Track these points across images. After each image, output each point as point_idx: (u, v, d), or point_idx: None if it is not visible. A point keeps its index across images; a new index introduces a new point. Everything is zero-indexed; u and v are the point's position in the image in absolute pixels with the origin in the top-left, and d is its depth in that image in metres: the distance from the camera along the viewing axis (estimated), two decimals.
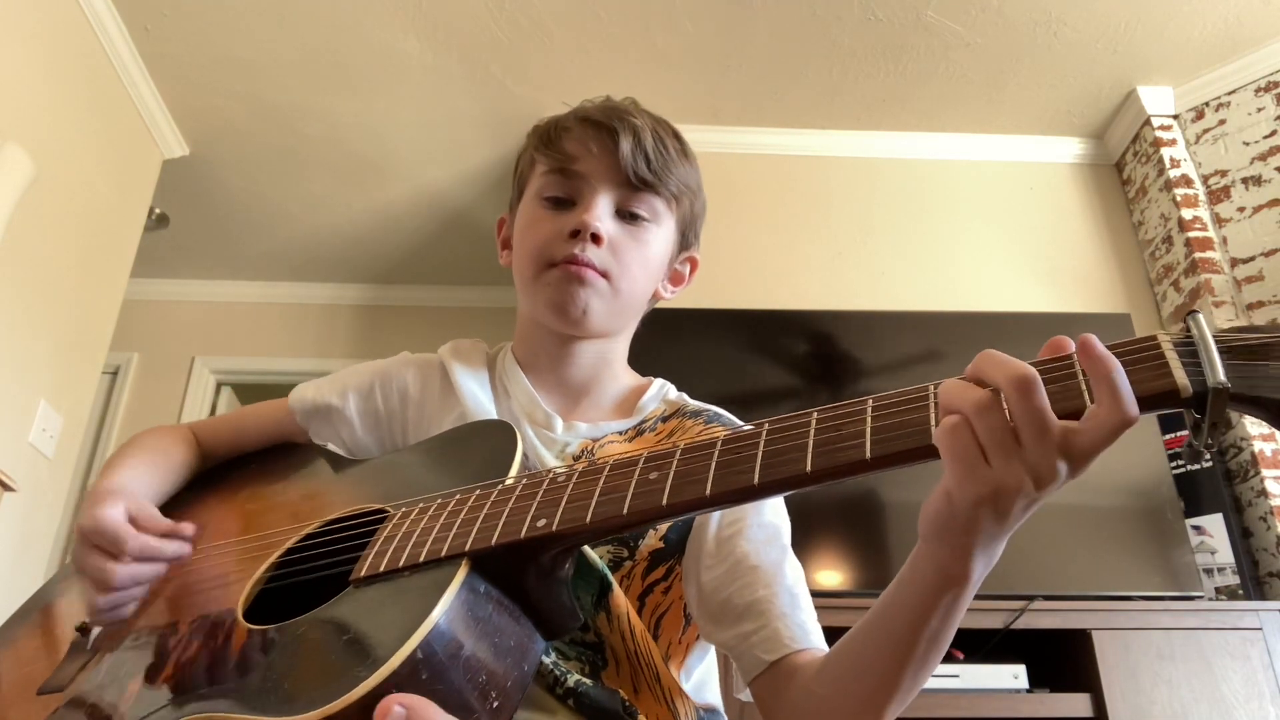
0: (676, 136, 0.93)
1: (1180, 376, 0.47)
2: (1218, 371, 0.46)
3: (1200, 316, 0.49)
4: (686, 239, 0.97)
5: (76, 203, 2.52)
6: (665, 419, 0.91)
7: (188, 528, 0.79)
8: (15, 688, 0.77)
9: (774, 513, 0.85)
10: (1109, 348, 0.50)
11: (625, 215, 0.89)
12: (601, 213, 0.87)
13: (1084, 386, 0.50)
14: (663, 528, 0.81)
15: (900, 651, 0.61)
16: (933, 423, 0.51)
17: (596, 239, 0.86)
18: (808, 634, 0.76)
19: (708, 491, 0.55)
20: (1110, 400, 0.48)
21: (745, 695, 0.80)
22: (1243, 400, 0.47)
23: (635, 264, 0.90)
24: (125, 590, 0.75)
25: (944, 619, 0.59)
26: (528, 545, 0.59)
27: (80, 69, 2.51)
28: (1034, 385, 0.48)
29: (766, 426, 0.57)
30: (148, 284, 3.72)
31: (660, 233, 0.92)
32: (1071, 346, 0.52)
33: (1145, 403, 0.48)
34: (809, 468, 0.53)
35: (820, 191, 2.94)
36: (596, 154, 0.88)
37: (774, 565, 0.80)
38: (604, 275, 0.87)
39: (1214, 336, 0.48)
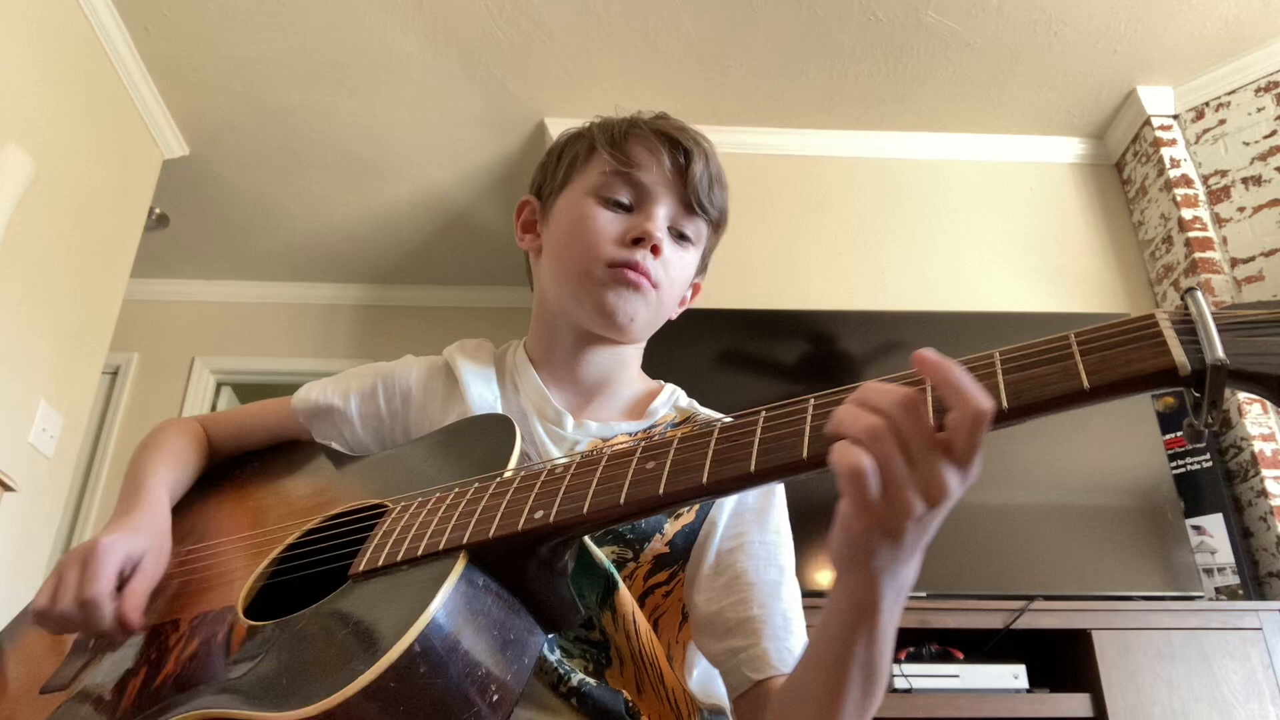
0: (719, 163, 0.95)
1: (1179, 354, 0.46)
2: (1216, 348, 0.45)
3: (1199, 293, 0.48)
4: (703, 264, 0.99)
5: (76, 203, 2.52)
6: (676, 425, 0.91)
7: (139, 624, 0.74)
8: (19, 687, 0.77)
9: (776, 530, 0.84)
10: (1110, 327, 0.50)
11: (674, 233, 0.91)
12: (662, 226, 0.89)
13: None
14: (670, 533, 0.81)
15: (834, 681, 0.61)
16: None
17: (656, 251, 0.87)
18: (794, 660, 0.76)
19: (704, 480, 0.55)
20: (959, 399, 0.48)
21: None
22: (1242, 377, 0.46)
23: (678, 281, 0.92)
24: (52, 620, 0.73)
25: (869, 647, 0.59)
26: (526, 537, 0.59)
27: (80, 69, 2.51)
28: (920, 404, 0.49)
29: (763, 414, 0.57)
30: (148, 284, 3.72)
31: (695, 255, 0.94)
32: (929, 360, 0.51)
33: (1144, 382, 0.47)
34: (805, 454, 0.53)
35: (820, 191, 2.94)
36: (668, 168, 0.89)
37: (771, 585, 0.80)
38: (655, 287, 0.88)
39: (1212, 313, 0.47)
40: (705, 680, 0.86)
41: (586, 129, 0.96)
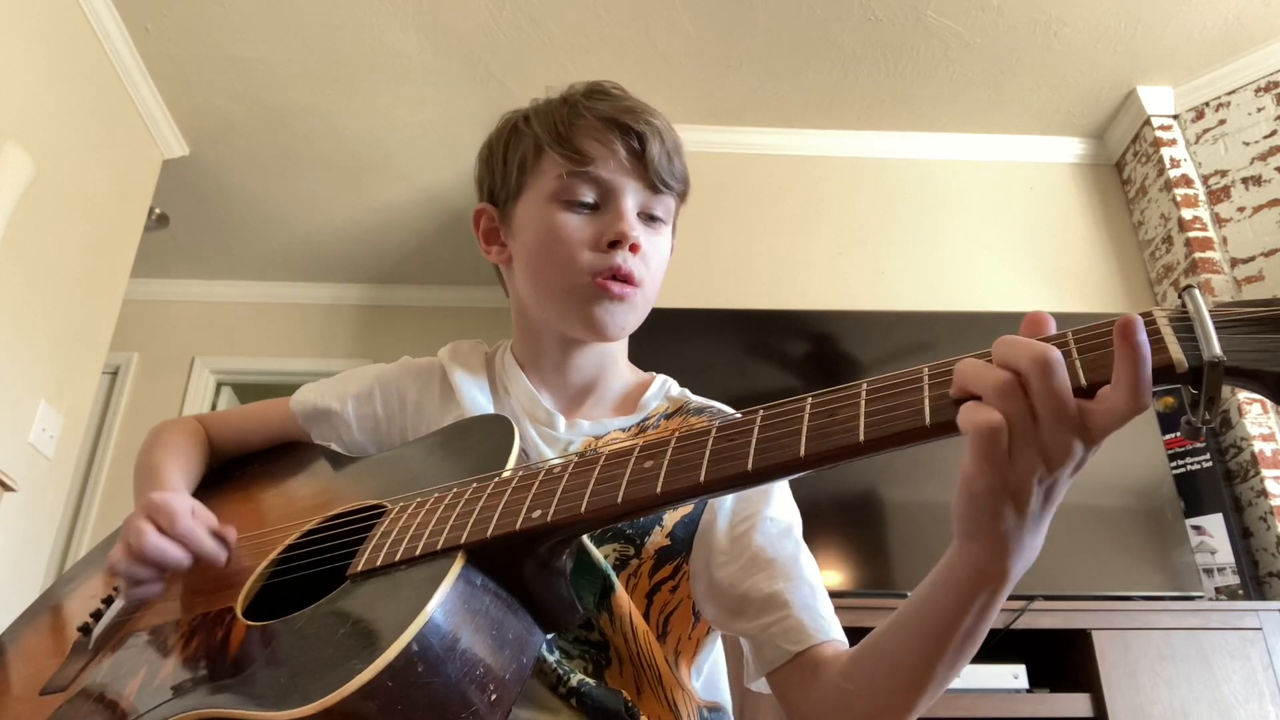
0: (672, 129, 0.91)
1: (1176, 351, 0.46)
2: (1213, 345, 0.45)
3: (1196, 291, 0.48)
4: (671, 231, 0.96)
5: (76, 203, 2.52)
6: (669, 416, 0.90)
7: (232, 533, 0.77)
8: (19, 688, 0.78)
9: (784, 508, 0.84)
10: (1106, 324, 0.49)
11: (644, 218, 0.87)
12: (634, 220, 0.85)
13: (1079, 367, 0.49)
14: (669, 524, 0.81)
15: (934, 649, 0.60)
16: (926, 405, 0.51)
17: (635, 248, 0.84)
18: (830, 626, 0.76)
19: (702, 478, 0.55)
20: (1128, 388, 0.46)
21: (757, 686, 0.79)
22: (1239, 374, 0.45)
23: (659, 269, 0.89)
24: (147, 559, 0.74)
25: (979, 617, 0.58)
26: (524, 536, 0.58)
27: (80, 69, 2.51)
28: (1056, 366, 0.47)
29: (761, 413, 0.57)
30: (148, 284, 3.73)
31: (669, 231, 0.92)
32: (1051, 324, 0.52)
33: None
34: (802, 452, 0.52)
35: (820, 191, 2.94)
36: (624, 156, 0.85)
37: (790, 558, 0.79)
38: (639, 286, 0.86)
39: (1210, 311, 0.47)
40: (711, 678, 0.86)
41: (525, 124, 0.90)
